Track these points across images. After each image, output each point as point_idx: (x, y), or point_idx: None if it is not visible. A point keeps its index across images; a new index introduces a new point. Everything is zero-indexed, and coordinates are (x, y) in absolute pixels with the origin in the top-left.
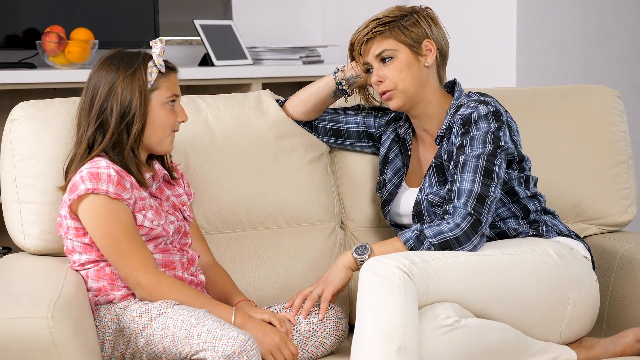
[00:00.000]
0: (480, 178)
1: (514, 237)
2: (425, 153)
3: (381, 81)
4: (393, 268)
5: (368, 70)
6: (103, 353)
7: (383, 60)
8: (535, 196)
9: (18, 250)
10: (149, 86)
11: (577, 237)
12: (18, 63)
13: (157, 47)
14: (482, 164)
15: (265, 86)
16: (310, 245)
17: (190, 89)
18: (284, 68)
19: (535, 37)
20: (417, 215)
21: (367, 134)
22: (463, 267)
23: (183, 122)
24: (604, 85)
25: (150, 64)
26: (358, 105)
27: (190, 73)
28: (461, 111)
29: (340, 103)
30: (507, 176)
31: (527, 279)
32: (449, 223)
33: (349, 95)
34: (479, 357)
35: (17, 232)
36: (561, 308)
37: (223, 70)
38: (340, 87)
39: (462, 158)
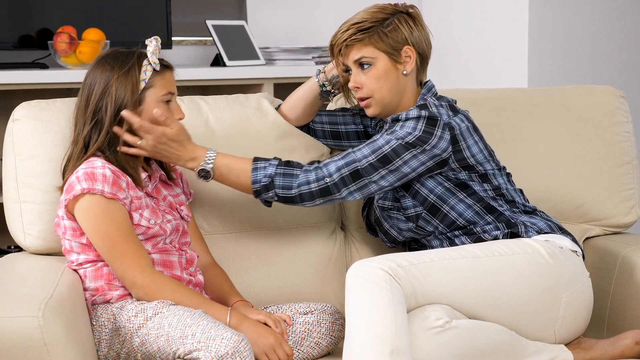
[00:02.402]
0: (373, 159)
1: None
2: None
3: (359, 87)
4: (379, 271)
5: (347, 71)
6: (99, 352)
7: (361, 65)
8: (499, 190)
9: None
10: (144, 84)
11: (560, 230)
12: (31, 63)
13: (151, 46)
14: (386, 149)
15: (277, 86)
16: (310, 246)
17: (202, 89)
18: (296, 68)
19: (548, 37)
20: (377, 222)
21: (365, 134)
22: (452, 270)
23: (180, 119)
24: (609, 86)
25: (144, 62)
26: (356, 105)
27: (201, 73)
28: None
29: (341, 103)
30: (452, 175)
31: (518, 280)
32: (300, 178)
33: (334, 96)
34: (471, 358)
35: (17, 231)
36: (554, 309)
37: (234, 70)
38: (324, 88)
39: (375, 136)
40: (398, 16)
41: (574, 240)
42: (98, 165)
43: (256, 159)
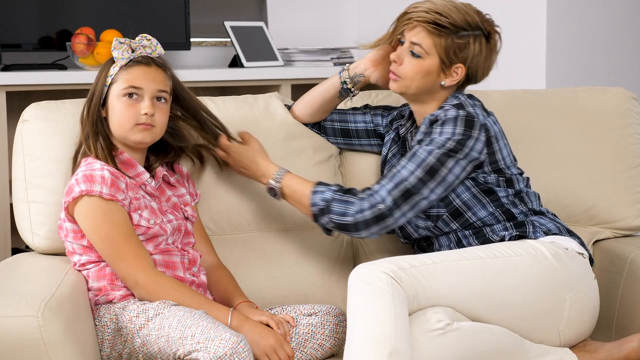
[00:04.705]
0: (420, 173)
1: (498, 242)
2: None
3: (397, 62)
4: (380, 274)
5: (400, 40)
6: (102, 353)
7: (413, 52)
8: (519, 195)
9: None
10: (110, 79)
11: (568, 232)
12: (51, 64)
13: (115, 41)
14: (430, 161)
15: (294, 87)
16: (317, 247)
17: (221, 90)
18: (313, 69)
19: (566, 38)
20: None
21: (375, 133)
22: (454, 272)
23: (145, 114)
24: (620, 87)
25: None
26: (366, 105)
27: (219, 74)
28: (435, 111)
29: (352, 104)
30: (482, 178)
31: (521, 282)
32: (355, 206)
33: (353, 95)
34: None
35: (26, 231)
36: (558, 310)
37: (252, 71)
38: (344, 86)
39: (414, 149)
40: (477, 35)
41: (582, 244)
42: (97, 167)
43: (319, 183)
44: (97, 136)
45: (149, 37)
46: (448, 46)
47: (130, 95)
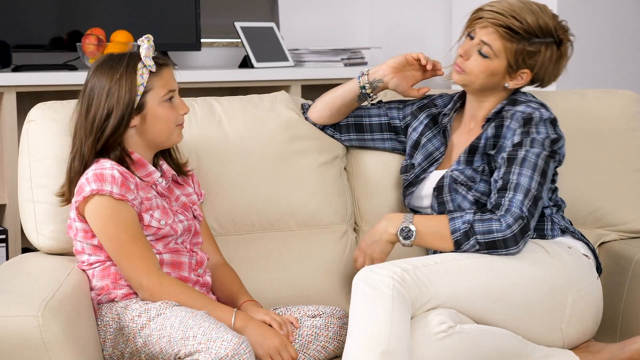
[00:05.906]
0: (537, 177)
1: None
2: (459, 137)
3: (463, 58)
4: (384, 277)
5: (470, 35)
6: (104, 352)
7: (481, 52)
8: (556, 204)
9: None
10: (142, 88)
11: (580, 236)
12: (62, 65)
13: (143, 48)
14: (541, 164)
15: (304, 88)
16: (321, 248)
17: (232, 90)
18: (324, 70)
19: (574, 40)
20: (437, 189)
21: (389, 126)
22: (456, 272)
23: (185, 113)
24: (627, 90)
25: (139, 65)
26: (379, 101)
27: (228, 75)
28: (521, 108)
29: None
30: None
31: (523, 280)
32: (500, 222)
33: (372, 101)
34: None
35: (31, 231)
36: (560, 307)
37: (262, 72)
38: (363, 91)
39: (521, 153)
40: (549, 43)
41: (592, 250)
42: (107, 166)
43: (450, 211)
44: (119, 144)
45: (150, 37)
46: (518, 52)
47: (170, 99)
